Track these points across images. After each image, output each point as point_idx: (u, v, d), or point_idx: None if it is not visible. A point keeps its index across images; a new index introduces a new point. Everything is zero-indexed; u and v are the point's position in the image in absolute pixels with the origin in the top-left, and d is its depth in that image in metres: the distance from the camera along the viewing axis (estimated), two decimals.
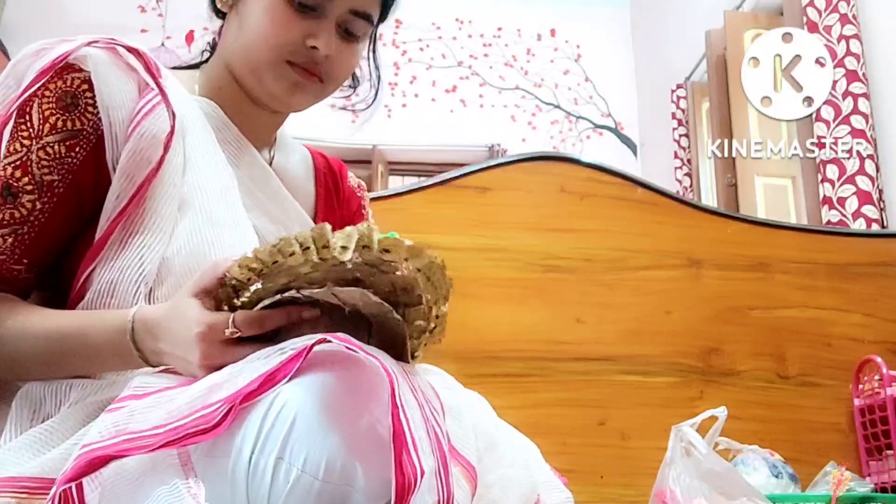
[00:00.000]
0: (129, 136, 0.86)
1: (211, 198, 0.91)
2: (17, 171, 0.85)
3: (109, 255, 0.85)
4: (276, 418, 0.63)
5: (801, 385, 1.96)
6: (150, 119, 0.88)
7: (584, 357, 1.91)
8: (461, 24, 4.73)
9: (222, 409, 0.65)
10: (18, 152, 0.85)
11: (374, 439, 0.63)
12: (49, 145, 0.86)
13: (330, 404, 0.64)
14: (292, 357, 0.66)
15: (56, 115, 0.86)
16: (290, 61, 0.95)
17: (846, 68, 2.57)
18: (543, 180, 2.02)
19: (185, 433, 0.64)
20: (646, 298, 1.97)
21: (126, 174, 0.86)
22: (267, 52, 0.94)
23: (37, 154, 0.85)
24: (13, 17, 3.92)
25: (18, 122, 0.85)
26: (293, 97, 0.98)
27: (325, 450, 0.62)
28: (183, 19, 4.22)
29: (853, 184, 2.48)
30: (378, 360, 0.66)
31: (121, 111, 0.87)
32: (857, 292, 2.02)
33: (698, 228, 2.04)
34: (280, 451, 0.62)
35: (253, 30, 0.95)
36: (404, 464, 0.62)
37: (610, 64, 4.71)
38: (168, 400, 0.71)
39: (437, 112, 4.53)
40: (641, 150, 4.58)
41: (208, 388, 0.69)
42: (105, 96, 0.86)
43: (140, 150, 0.86)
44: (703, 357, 1.95)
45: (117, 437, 0.66)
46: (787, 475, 1.67)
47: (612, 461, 1.84)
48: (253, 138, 1.02)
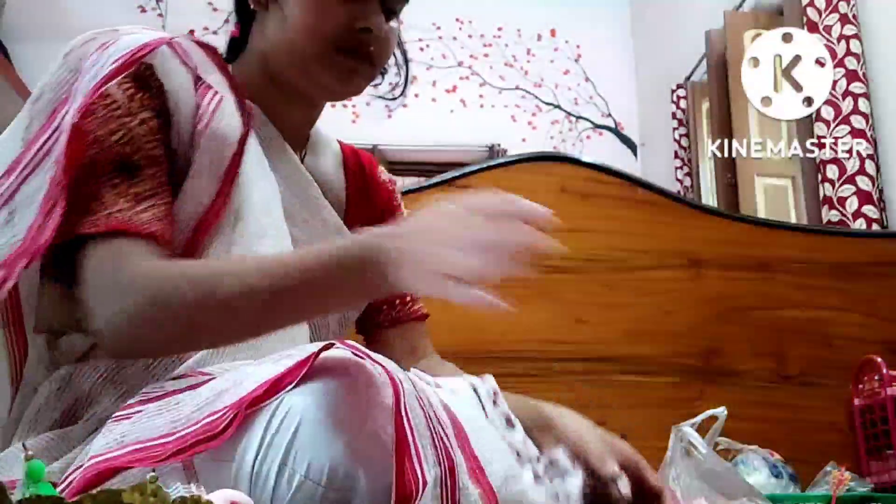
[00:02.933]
0: (201, 134, 0.86)
1: (259, 209, 0.90)
2: (126, 147, 0.83)
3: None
4: (281, 425, 0.63)
5: (801, 385, 1.96)
6: (217, 118, 0.87)
7: (584, 357, 1.91)
8: (461, 24, 4.73)
9: (228, 415, 0.65)
10: (119, 130, 0.83)
11: (378, 446, 0.63)
12: (145, 121, 0.85)
13: (334, 411, 0.63)
14: (299, 363, 0.66)
15: (139, 93, 0.85)
16: (339, 48, 0.93)
17: (846, 68, 2.56)
18: (544, 180, 2.02)
19: (193, 441, 0.64)
20: (646, 298, 1.97)
21: (208, 175, 0.86)
22: (316, 43, 0.92)
23: (137, 130, 0.84)
24: (13, 17, 3.92)
25: (104, 103, 0.83)
26: (349, 85, 0.96)
27: (328, 456, 0.62)
28: (183, 19, 4.21)
29: (853, 184, 2.48)
30: (384, 367, 0.66)
31: (184, 104, 0.87)
32: (858, 292, 2.02)
33: (699, 228, 2.04)
34: (284, 457, 0.62)
35: (298, 22, 0.93)
36: (406, 472, 0.61)
37: (610, 64, 4.70)
38: (175, 405, 0.71)
39: (437, 112, 4.52)
40: (641, 150, 4.58)
41: (216, 394, 0.68)
42: (168, 83, 0.86)
43: (216, 150, 0.86)
44: (703, 357, 1.95)
45: (124, 448, 0.66)
46: (787, 475, 1.67)
47: None
48: (287, 138, 1.00)
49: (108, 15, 4.12)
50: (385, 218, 1.09)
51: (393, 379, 0.65)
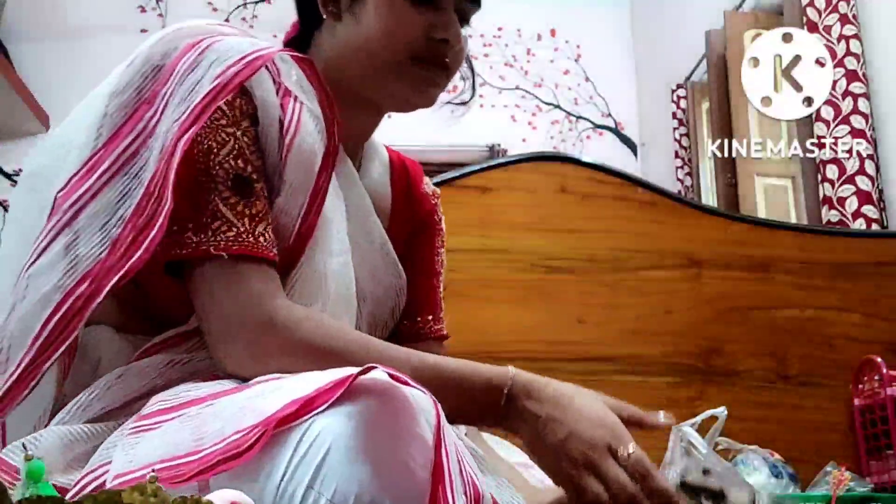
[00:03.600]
0: (289, 148, 0.85)
1: (333, 224, 0.89)
2: (238, 160, 0.82)
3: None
4: (310, 447, 0.62)
5: (801, 385, 1.96)
6: (302, 131, 0.86)
7: (584, 357, 1.91)
8: None
9: (255, 433, 0.63)
10: (228, 141, 0.82)
11: (406, 475, 0.62)
12: (247, 130, 0.84)
13: (365, 437, 0.62)
14: (336, 384, 0.65)
15: (239, 99, 0.84)
16: (415, 58, 0.92)
17: (846, 68, 2.56)
18: (544, 180, 2.02)
19: (218, 459, 0.63)
20: (646, 299, 1.97)
21: (299, 190, 0.85)
22: (393, 51, 0.91)
23: (243, 140, 0.83)
24: (13, 17, 3.91)
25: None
26: (424, 96, 0.96)
27: (355, 482, 0.61)
28: (183, 19, 4.21)
29: (853, 184, 2.48)
30: (425, 392, 0.66)
31: (270, 112, 0.86)
32: (857, 292, 2.02)
33: (699, 228, 2.04)
34: (311, 480, 0.61)
35: (375, 31, 0.91)
36: (439, 500, 0.61)
37: (610, 64, 4.70)
38: (196, 415, 0.69)
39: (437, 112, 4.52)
40: (641, 150, 4.58)
41: (240, 409, 0.67)
42: (257, 90, 0.85)
43: (304, 164, 0.85)
44: (703, 357, 1.95)
45: (148, 466, 0.64)
46: (787, 475, 1.67)
47: None
48: (345, 147, 0.97)
49: (108, 15, 4.12)
50: (423, 230, 1.10)
51: (436, 405, 0.64)
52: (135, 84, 0.82)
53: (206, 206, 0.79)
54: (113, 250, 0.74)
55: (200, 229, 0.79)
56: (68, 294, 0.73)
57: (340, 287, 0.89)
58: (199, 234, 0.78)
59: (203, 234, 0.78)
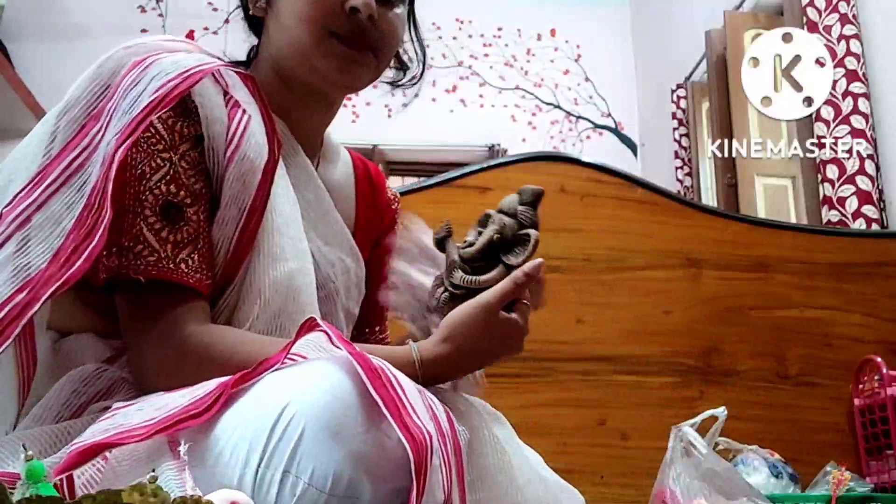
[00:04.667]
0: (231, 158, 0.85)
1: (281, 231, 0.88)
2: (170, 185, 0.83)
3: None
4: (285, 431, 0.64)
5: (801, 385, 1.96)
6: (245, 144, 0.86)
7: (583, 357, 1.91)
8: (461, 24, 4.73)
9: (214, 393, 0.66)
10: (163, 167, 0.83)
11: (382, 452, 0.63)
12: (186, 153, 0.84)
13: (338, 417, 0.64)
14: (284, 347, 0.69)
15: (179, 122, 0.85)
16: (333, 33, 0.92)
17: (846, 68, 2.56)
18: (543, 180, 2.01)
19: (178, 419, 0.65)
20: (645, 298, 1.97)
21: (237, 203, 0.85)
22: (309, 28, 0.91)
23: (180, 164, 0.83)
24: (13, 17, 3.91)
25: (145, 135, 0.82)
26: (346, 74, 0.94)
27: (332, 462, 0.62)
28: (183, 19, 4.21)
29: (853, 184, 2.48)
30: (386, 369, 0.67)
31: (217, 125, 0.86)
32: (857, 292, 2.02)
33: (698, 228, 2.04)
34: (287, 463, 0.63)
35: (290, 12, 0.92)
36: (410, 426, 0.62)
37: (610, 64, 4.70)
38: (157, 398, 0.72)
39: (437, 112, 4.52)
40: (641, 150, 4.58)
41: (198, 385, 0.71)
42: (205, 108, 0.85)
43: (245, 177, 0.85)
44: (703, 357, 1.95)
45: (109, 431, 0.67)
46: (787, 475, 1.67)
47: (612, 461, 1.85)
48: (302, 144, 0.98)
49: (108, 15, 4.12)
50: (385, 238, 1.10)
51: (387, 367, 0.66)
52: (83, 101, 0.84)
53: (131, 230, 0.80)
54: (54, 260, 0.75)
55: (122, 253, 0.80)
56: (5, 302, 0.74)
57: (292, 294, 0.88)
58: (121, 257, 0.80)
59: (125, 257, 0.80)
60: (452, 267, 0.86)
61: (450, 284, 0.85)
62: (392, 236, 1.10)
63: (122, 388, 0.82)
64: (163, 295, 0.81)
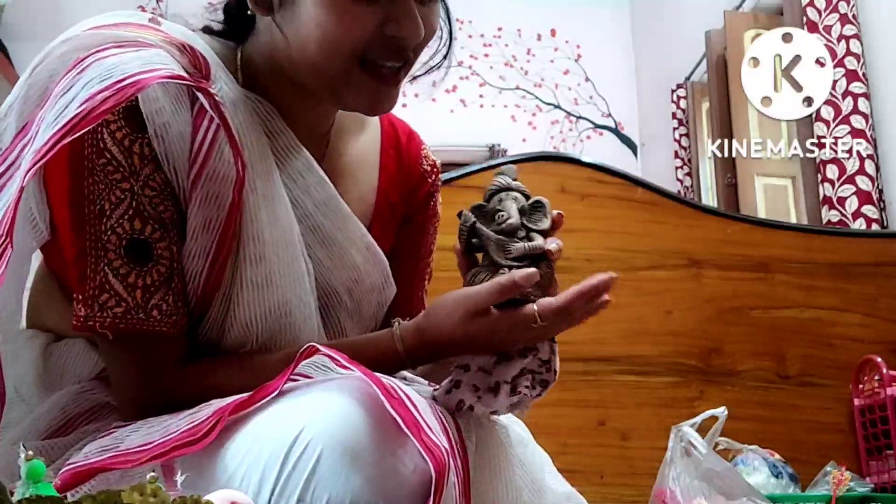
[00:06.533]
0: (196, 179, 0.74)
1: (268, 250, 0.79)
2: (134, 221, 0.73)
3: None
4: (300, 458, 0.61)
5: (801, 385, 1.96)
6: (214, 157, 0.75)
7: (584, 357, 1.91)
8: (461, 24, 4.72)
9: (211, 420, 0.64)
10: (124, 200, 0.73)
11: (397, 479, 0.62)
12: (150, 178, 0.74)
13: (354, 443, 0.62)
14: (283, 372, 0.66)
15: (138, 140, 0.73)
16: (364, 61, 0.78)
17: (846, 68, 2.57)
18: (544, 180, 2.02)
19: (173, 446, 0.63)
20: (646, 298, 1.97)
21: (206, 232, 0.75)
22: (336, 54, 0.77)
23: (143, 194, 0.73)
24: (13, 17, 3.91)
25: (99, 161, 0.72)
26: (377, 108, 0.83)
27: (348, 491, 0.60)
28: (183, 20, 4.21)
29: (853, 184, 2.48)
30: (400, 389, 0.65)
31: (177, 140, 0.74)
32: (857, 292, 2.02)
33: (698, 228, 2.04)
34: (302, 492, 0.60)
35: (313, 35, 0.76)
36: (430, 445, 0.61)
37: (610, 64, 4.70)
38: (155, 420, 0.70)
39: (437, 112, 4.52)
40: (641, 150, 4.58)
41: (199, 407, 0.68)
42: (157, 122, 0.74)
43: (213, 201, 0.75)
44: (703, 357, 1.95)
45: (104, 454, 0.65)
46: (787, 475, 1.67)
47: (612, 461, 1.85)
48: (307, 134, 0.86)
49: None
50: (418, 212, 0.99)
51: (386, 387, 0.64)
52: (16, 108, 0.75)
53: (94, 277, 0.72)
54: None
55: (87, 304, 0.72)
56: None
57: (285, 322, 0.80)
58: (87, 308, 0.72)
59: (90, 308, 0.72)
60: (501, 245, 0.81)
61: (512, 260, 0.80)
62: (425, 213, 0.99)
63: (109, 413, 0.80)
64: (135, 345, 0.74)
